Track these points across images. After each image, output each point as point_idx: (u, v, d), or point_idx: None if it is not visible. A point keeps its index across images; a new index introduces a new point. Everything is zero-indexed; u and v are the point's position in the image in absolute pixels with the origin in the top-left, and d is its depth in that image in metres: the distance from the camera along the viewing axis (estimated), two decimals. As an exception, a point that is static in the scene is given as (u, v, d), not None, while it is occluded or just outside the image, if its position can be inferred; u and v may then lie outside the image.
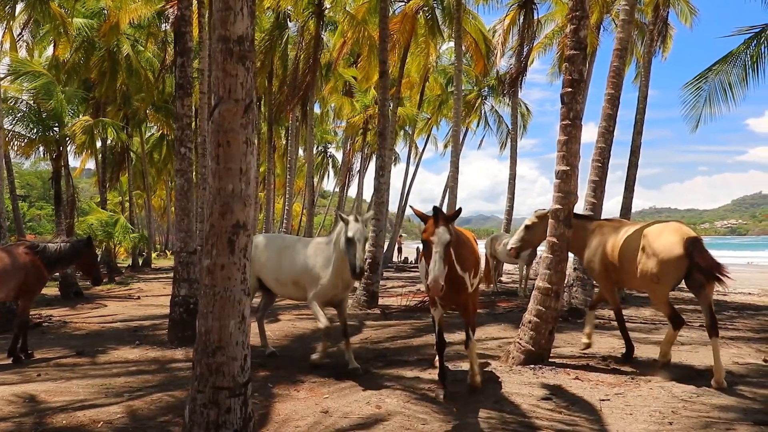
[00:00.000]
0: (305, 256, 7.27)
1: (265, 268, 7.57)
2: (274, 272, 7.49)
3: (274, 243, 7.76)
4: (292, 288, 7.41)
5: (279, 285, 7.54)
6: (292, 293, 7.55)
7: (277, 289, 7.71)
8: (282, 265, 7.41)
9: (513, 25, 21.98)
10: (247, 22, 3.34)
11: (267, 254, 7.58)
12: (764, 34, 11.88)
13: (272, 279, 7.55)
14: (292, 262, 7.33)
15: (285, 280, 7.41)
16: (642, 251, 6.78)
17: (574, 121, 7.30)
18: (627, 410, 5.44)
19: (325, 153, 49.98)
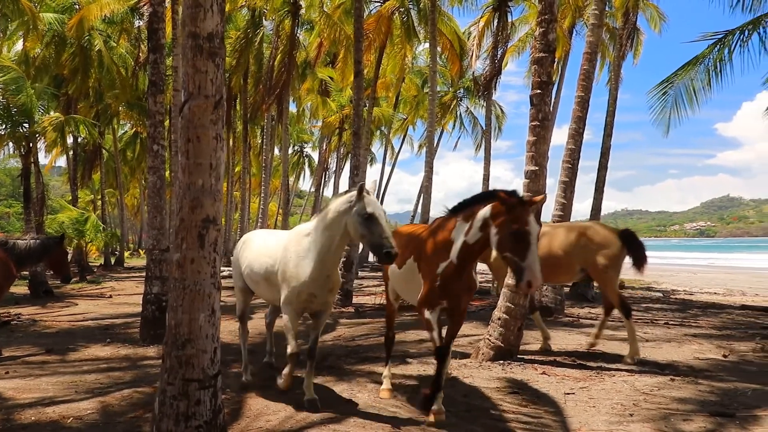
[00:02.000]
0: (277, 246, 5.83)
1: (244, 265, 6.35)
2: (248, 267, 6.22)
3: (258, 237, 6.51)
4: (265, 287, 5.99)
5: (252, 282, 6.24)
6: (268, 294, 6.09)
7: (254, 288, 6.36)
8: (256, 258, 6.08)
9: (487, 28, 22.20)
10: (217, 19, 3.40)
11: (249, 250, 6.36)
12: (727, 39, 12.23)
13: (246, 275, 6.31)
14: (264, 254, 5.95)
15: (256, 277, 6.04)
16: (585, 248, 7.85)
17: (542, 122, 7.47)
18: (591, 403, 5.61)
19: (301, 152, 49.87)
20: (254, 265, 6.03)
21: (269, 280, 5.78)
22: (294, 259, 5.41)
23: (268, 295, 6.05)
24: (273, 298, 5.97)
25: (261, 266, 5.89)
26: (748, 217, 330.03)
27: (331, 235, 5.19)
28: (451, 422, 4.96)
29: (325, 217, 5.29)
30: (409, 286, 5.54)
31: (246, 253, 6.32)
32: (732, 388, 6.15)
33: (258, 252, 6.06)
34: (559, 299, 12.40)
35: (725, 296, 17.75)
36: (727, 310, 13.49)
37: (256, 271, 6.00)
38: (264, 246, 6.05)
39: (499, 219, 4.54)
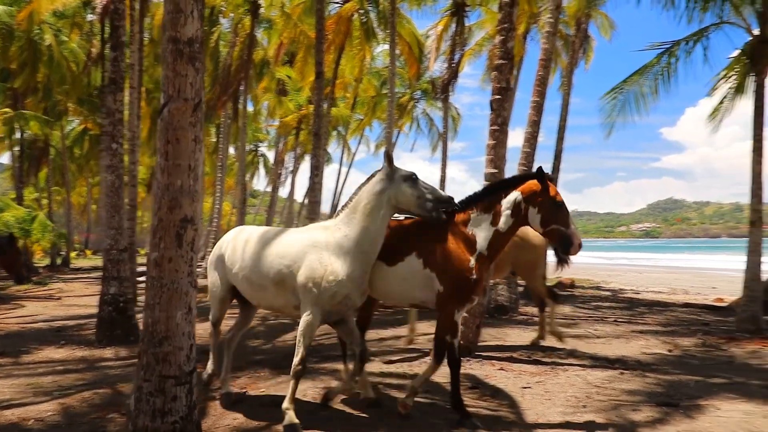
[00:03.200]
0: (294, 245, 5.03)
1: (236, 266, 5.32)
2: (247, 269, 5.20)
3: (255, 236, 5.40)
4: (273, 292, 5.06)
5: (253, 288, 5.22)
6: (275, 300, 5.15)
7: (252, 294, 5.32)
8: (262, 259, 5.11)
9: (445, 32, 22.58)
10: (197, 25, 3.47)
11: (236, 248, 5.39)
12: (673, 49, 12.85)
13: (244, 279, 5.25)
14: (275, 254, 5.05)
15: (263, 281, 5.09)
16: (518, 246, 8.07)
17: (501, 126, 7.74)
18: (546, 396, 5.88)
19: (255, 152, 49.39)
20: (260, 268, 5.06)
21: (283, 283, 4.94)
22: (327, 257, 4.81)
23: (276, 301, 5.12)
24: (281, 305, 5.13)
25: (271, 268, 4.99)
26: (690, 219, 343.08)
27: (370, 226, 4.83)
28: (415, 416, 5.13)
29: (357, 208, 4.92)
30: (403, 286, 5.16)
31: (240, 256, 5.27)
32: (677, 380, 6.53)
33: (263, 253, 5.09)
34: (513, 298, 12.77)
35: (669, 295, 18.58)
36: (672, 307, 14.16)
37: (263, 275, 5.04)
38: (273, 245, 5.12)
39: (539, 197, 4.89)
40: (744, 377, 6.68)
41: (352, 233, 4.86)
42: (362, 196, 4.98)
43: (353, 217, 4.92)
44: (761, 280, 11.19)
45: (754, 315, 10.51)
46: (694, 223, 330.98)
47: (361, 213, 4.88)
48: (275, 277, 4.96)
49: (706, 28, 12.18)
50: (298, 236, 5.10)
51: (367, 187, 4.98)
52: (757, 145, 11.03)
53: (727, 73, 14.26)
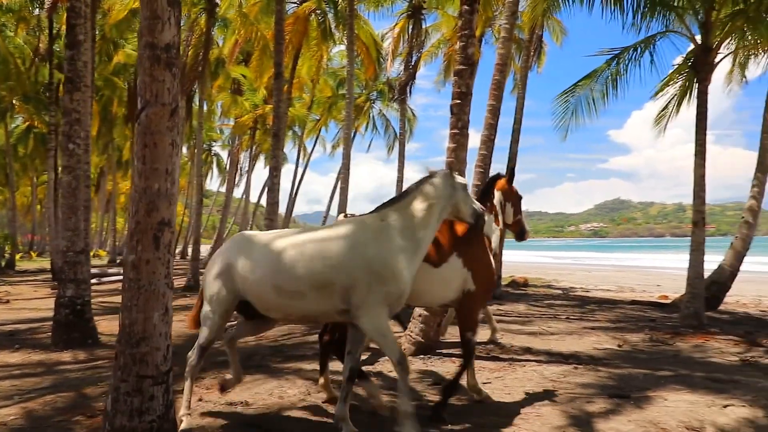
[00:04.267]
0: (335, 244, 4.51)
1: (254, 275, 4.57)
2: (274, 276, 4.48)
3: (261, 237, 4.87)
4: (314, 298, 4.44)
5: (282, 296, 4.49)
6: (313, 307, 4.51)
7: (281, 304, 4.56)
8: (294, 261, 4.47)
9: (403, 34, 22.84)
10: (174, 31, 3.53)
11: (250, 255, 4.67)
12: (622, 55, 13.41)
13: (272, 288, 4.50)
14: (312, 257, 4.47)
15: (300, 287, 4.43)
16: None
17: (462, 130, 7.97)
18: (505, 391, 6.12)
19: (209, 151, 48.70)
20: (295, 273, 4.43)
21: (327, 286, 4.40)
22: (387, 255, 4.44)
23: (315, 307, 4.50)
24: (321, 311, 4.55)
25: (311, 272, 4.41)
26: (636, 219, 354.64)
27: (428, 227, 4.67)
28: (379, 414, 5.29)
29: (416, 207, 4.69)
30: (443, 287, 5.14)
31: (261, 263, 4.58)
32: (627, 373, 6.88)
33: (296, 256, 4.49)
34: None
35: (617, 293, 19.31)
36: (620, 305, 14.75)
37: (299, 280, 4.42)
38: (307, 247, 4.55)
39: (511, 194, 5.94)
40: (688, 370, 7.09)
41: (411, 232, 4.61)
42: (423, 196, 4.74)
43: (410, 216, 4.66)
44: (703, 278, 11.80)
45: (696, 311, 11.07)
46: (639, 222, 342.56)
47: (421, 212, 4.67)
48: (318, 280, 4.39)
49: (653, 36, 12.75)
50: (339, 233, 4.61)
51: (428, 188, 4.76)
52: (699, 149, 11.61)
53: (672, 79, 14.97)
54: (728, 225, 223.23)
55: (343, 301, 4.41)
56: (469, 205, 4.87)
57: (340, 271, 4.38)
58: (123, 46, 27.89)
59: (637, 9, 11.61)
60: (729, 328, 10.75)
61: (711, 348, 8.72)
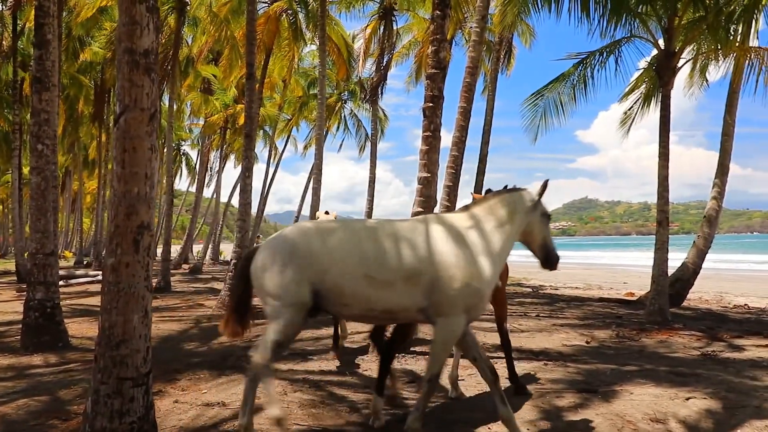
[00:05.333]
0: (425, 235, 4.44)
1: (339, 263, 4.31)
2: (369, 265, 4.29)
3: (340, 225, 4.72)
4: (402, 289, 4.29)
5: (373, 287, 4.29)
6: (397, 301, 4.32)
7: (367, 295, 4.32)
8: (384, 250, 4.34)
9: (374, 35, 22.94)
10: (153, 37, 3.57)
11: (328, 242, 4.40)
12: (588, 60, 13.75)
13: (361, 278, 4.30)
14: (410, 243, 4.37)
15: (389, 276, 4.27)
16: None
17: (434, 132, 8.11)
18: (479, 387, 6.26)
19: (178, 151, 48.13)
20: (387, 262, 4.29)
21: (416, 278, 4.27)
22: (478, 253, 4.41)
23: (399, 300, 4.32)
24: (403, 306, 4.35)
25: (401, 263, 4.28)
26: (603, 218, 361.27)
27: (510, 232, 4.64)
28: (359, 409, 5.38)
29: (502, 213, 4.64)
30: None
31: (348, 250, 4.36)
32: (594, 368, 7.10)
33: (386, 245, 4.36)
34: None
35: (585, 290, 19.74)
36: (588, 302, 15.11)
37: (391, 270, 4.27)
38: (396, 236, 4.43)
39: None
40: (653, 364, 7.35)
41: (496, 237, 4.57)
42: (505, 203, 4.69)
43: (497, 219, 4.62)
44: (667, 275, 12.17)
45: (661, 308, 11.43)
46: (606, 221, 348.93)
47: (508, 220, 4.63)
48: (408, 271, 4.26)
49: (618, 41, 13.11)
50: (425, 227, 4.51)
51: (517, 198, 4.73)
52: (663, 150, 11.97)
53: (637, 83, 15.39)
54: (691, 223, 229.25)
55: (425, 297, 4.27)
56: (544, 234, 4.81)
57: (429, 264, 4.29)
58: (89, 44, 27.42)
59: (602, 15, 11.91)
60: (692, 324, 11.12)
61: (675, 343, 9.02)
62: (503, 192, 4.80)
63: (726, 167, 14.73)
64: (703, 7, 11.57)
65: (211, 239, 41.70)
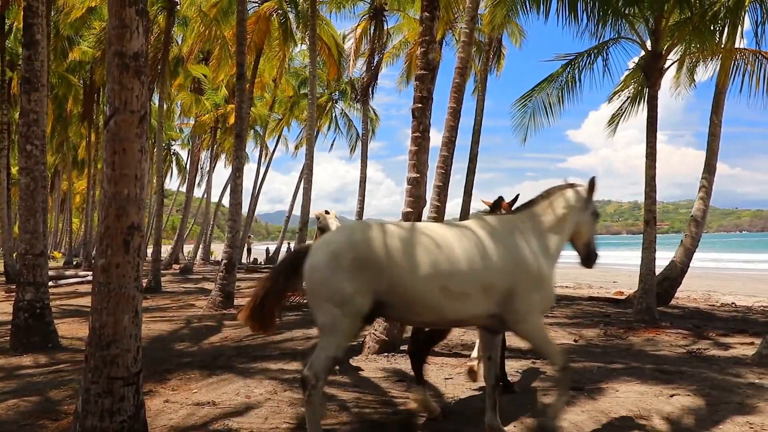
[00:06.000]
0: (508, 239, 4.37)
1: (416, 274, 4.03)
2: (445, 277, 4.05)
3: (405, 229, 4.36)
4: (477, 300, 4.16)
5: (449, 299, 4.09)
6: (471, 310, 4.20)
7: (441, 306, 4.12)
8: (459, 259, 4.12)
9: (364, 35, 23.00)
10: (142, 40, 3.61)
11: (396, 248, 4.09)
12: (577, 61, 13.86)
13: (436, 289, 4.04)
14: (483, 251, 4.22)
15: (468, 288, 4.11)
16: None
17: (423, 133, 8.18)
18: (466, 385, 6.34)
19: (168, 150, 47.99)
20: (464, 274, 4.11)
21: (491, 288, 4.17)
22: (543, 255, 4.45)
23: (473, 310, 4.20)
24: (475, 314, 4.25)
25: (475, 273, 4.13)
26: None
27: (565, 230, 4.68)
28: (349, 407, 5.43)
29: (556, 209, 4.64)
30: None
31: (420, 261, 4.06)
32: (581, 367, 7.18)
33: (460, 253, 4.16)
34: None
35: (575, 289, 19.88)
36: (577, 301, 15.23)
37: (467, 281, 4.11)
38: (468, 246, 4.23)
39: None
40: (639, 362, 7.45)
41: (555, 236, 4.62)
42: (557, 203, 4.70)
43: (553, 220, 4.63)
44: (655, 274, 12.31)
45: (649, 306, 11.56)
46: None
47: (563, 219, 4.65)
48: (483, 282, 4.14)
49: (606, 43, 13.23)
50: (490, 232, 4.40)
51: (572, 196, 4.75)
52: (650, 151, 12.10)
53: (626, 83, 15.53)
54: (681, 222, 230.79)
55: (497, 304, 4.20)
56: (590, 234, 4.85)
57: (502, 273, 4.19)
58: (78, 44, 27.30)
59: (590, 17, 12.01)
60: (679, 322, 11.25)
61: (661, 341, 9.14)
62: (558, 189, 4.79)
63: (713, 167, 14.89)
64: (689, 9, 11.70)
65: (202, 239, 41.61)
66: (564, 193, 4.74)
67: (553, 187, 4.81)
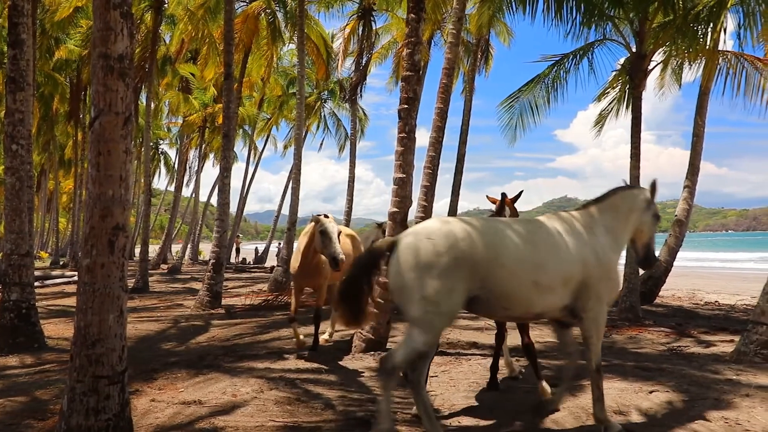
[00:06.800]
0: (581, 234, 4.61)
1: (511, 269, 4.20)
2: (537, 271, 4.27)
3: (492, 225, 4.45)
4: (559, 294, 4.41)
5: (539, 292, 4.30)
6: (551, 303, 4.43)
7: (530, 300, 4.33)
8: (546, 254, 4.36)
9: (353, 34, 23.03)
10: (127, 42, 3.65)
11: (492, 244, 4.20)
12: (563, 61, 13.99)
13: (529, 284, 4.26)
14: (562, 246, 4.45)
15: (553, 282, 4.35)
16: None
17: (409, 134, 8.25)
18: (451, 383, 6.43)
19: (156, 150, 47.76)
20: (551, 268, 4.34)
21: (569, 282, 4.42)
22: (611, 251, 4.72)
23: (554, 303, 4.44)
24: (552, 307, 4.47)
25: (560, 267, 4.37)
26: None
27: (627, 229, 4.91)
28: (335, 405, 5.49)
29: (621, 208, 4.85)
30: None
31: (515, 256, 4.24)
32: (563, 364, 7.28)
33: (546, 251, 4.38)
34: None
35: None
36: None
37: (553, 275, 4.34)
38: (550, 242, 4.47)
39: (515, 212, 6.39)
40: (621, 359, 7.57)
41: (619, 234, 4.85)
42: (622, 203, 4.90)
43: (619, 218, 4.83)
44: (639, 273, 12.46)
45: (632, 305, 11.71)
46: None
47: (626, 218, 4.87)
48: (565, 275, 4.38)
49: (591, 44, 13.37)
50: (566, 227, 4.63)
51: (635, 196, 4.96)
52: (634, 151, 12.25)
53: (612, 84, 15.68)
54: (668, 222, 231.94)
55: (572, 297, 4.46)
56: (651, 235, 5.06)
57: (579, 266, 4.43)
58: (65, 42, 27.13)
59: (575, 18, 12.13)
60: (662, 320, 11.41)
61: (644, 339, 9.27)
62: (622, 189, 5.01)
63: (696, 167, 15.09)
64: (673, 11, 11.85)
65: (190, 239, 41.46)
66: (628, 193, 4.96)
67: (618, 187, 5.04)
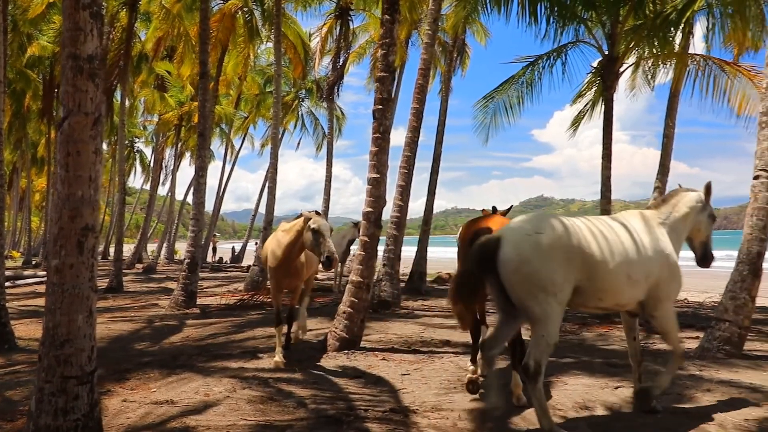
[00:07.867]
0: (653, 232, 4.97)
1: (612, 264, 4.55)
2: (630, 265, 4.62)
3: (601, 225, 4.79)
4: (642, 287, 4.75)
5: (629, 285, 4.64)
6: (634, 296, 4.77)
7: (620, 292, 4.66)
8: (636, 251, 4.72)
9: (330, 34, 23.04)
10: (97, 43, 3.65)
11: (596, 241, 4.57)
12: (537, 63, 14.18)
13: (624, 277, 4.59)
14: (644, 242, 4.82)
15: (639, 275, 4.69)
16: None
17: (383, 134, 8.32)
18: (423, 381, 6.51)
19: (131, 148, 47.21)
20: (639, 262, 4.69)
21: (648, 277, 4.75)
22: (674, 249, 5.01)
23: (636, 295, 4.78)
24: (634, 299, 4.80)
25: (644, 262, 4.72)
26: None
27: (685, 228, 5.25)
28: (308, 404, 5.54)
29: (680, 209, 5.19)
30: None
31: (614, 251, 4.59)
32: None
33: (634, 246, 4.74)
34: (395, 293, 13.52)
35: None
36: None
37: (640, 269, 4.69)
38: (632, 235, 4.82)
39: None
40: (589, 356, 7.73)
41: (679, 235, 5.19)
42: (680, 203, 5.25)
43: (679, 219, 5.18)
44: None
45: (603, 302, 11.90)
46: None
47: (685, 218, 5.22)
48: (648, 270, 4.72)
49: (565, 46, 13.56)
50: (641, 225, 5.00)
51: (693, 198, 5.29)
52: (606, 152, 12.47)
53: (588, 86, 15.91)
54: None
55: (646, 291, 4.79)
56: (707, 234, 5.41)
57: (656, 262, 4.78)
58: (37, 38, 26.69)
59: (549, 19, 12.30)
60: (632, 318, 11.61)
61: (613, 336, 9.46)
62: (682, 191, 5.37)
63: (667, 168, 15.37)
64: (644, 14, 12.08)
65: (166, 238, 41.07)
66: (687, 194, 5.32)
67: (677, 189, 5.44)
